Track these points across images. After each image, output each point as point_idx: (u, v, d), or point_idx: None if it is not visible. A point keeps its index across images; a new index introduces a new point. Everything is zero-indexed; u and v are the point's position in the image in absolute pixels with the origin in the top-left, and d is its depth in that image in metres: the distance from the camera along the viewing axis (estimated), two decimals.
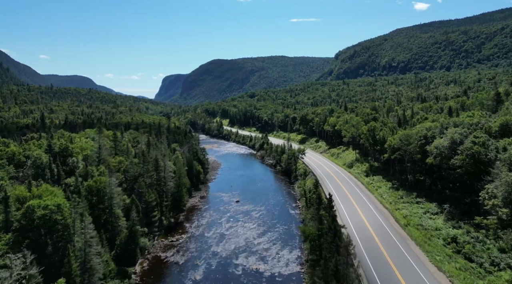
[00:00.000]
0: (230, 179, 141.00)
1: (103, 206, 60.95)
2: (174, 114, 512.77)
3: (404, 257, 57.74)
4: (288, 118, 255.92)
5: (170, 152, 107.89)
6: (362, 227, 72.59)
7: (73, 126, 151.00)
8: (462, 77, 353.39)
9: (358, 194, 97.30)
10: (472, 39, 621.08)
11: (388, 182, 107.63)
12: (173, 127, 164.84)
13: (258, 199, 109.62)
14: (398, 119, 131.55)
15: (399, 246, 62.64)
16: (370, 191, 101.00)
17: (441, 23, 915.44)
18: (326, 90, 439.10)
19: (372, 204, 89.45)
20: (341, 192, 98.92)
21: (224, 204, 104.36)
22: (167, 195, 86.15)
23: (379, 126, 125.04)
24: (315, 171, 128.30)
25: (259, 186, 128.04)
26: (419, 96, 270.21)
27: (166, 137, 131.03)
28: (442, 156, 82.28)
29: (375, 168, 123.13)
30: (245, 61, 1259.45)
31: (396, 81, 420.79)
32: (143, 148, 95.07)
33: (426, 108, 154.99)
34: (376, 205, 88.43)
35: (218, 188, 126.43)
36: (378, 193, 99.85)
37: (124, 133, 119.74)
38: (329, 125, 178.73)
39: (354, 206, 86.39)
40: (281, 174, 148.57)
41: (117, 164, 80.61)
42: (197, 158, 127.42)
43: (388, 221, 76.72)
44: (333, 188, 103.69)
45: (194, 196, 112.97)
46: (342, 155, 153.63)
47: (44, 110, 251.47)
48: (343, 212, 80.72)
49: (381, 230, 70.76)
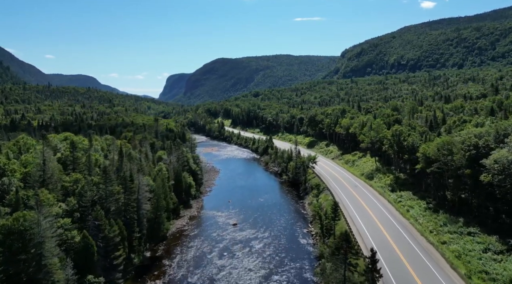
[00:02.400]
0: (228, 191, 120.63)
1: (27, 257, 40.83)
2: (175, 114, 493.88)
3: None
4: (294, 119, 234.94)
5: (152, 163, 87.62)
6: (403, 274, 51.80)
7: (47, 128, 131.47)
8: (481, 74, 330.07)
9: (388, 219, 76.46)
10: (485, 36, 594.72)
11: (421, 201, 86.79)
12: (164, 129, 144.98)
13: (261, 221, 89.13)
14: (428, 122, 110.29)
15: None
16: (402, 214, 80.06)
17: (451, 20, 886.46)
18: (334, 89, 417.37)
19: (409, 233, 68.63)
20: (365, 215, 78.10)
21: (218, 228, 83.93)
22: (141, 223, 65.94)
23: (406, 131, 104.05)
24: (329, 183, 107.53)
25: (262, 201, 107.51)
26: (436, 94, 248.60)
27: (151, 143, 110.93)
28: (506, 174, 61.32)
29: (401, 181, 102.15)
30: (249, 60, 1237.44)
31: (408, 79, 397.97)
32: (115, 158, 74.94)
33: (455, 109, 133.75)
34: (414, 236, 67.58)
35: (213, 204, 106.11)
36: (411, 216, 79.06)
37: (100, 138, 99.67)
38: (342, 127, 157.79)
39: (387, 238, 65.60)
40: (287, 185, 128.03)
41: (72, 184, 60.54)
42: (189, 169, 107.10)
43: (438, 265, 55.76)
44: (354, 208, 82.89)
45: (182, 216, 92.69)
46: (359, 163, 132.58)
47: (31, 110, 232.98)
48: (371, 243, 60.01)
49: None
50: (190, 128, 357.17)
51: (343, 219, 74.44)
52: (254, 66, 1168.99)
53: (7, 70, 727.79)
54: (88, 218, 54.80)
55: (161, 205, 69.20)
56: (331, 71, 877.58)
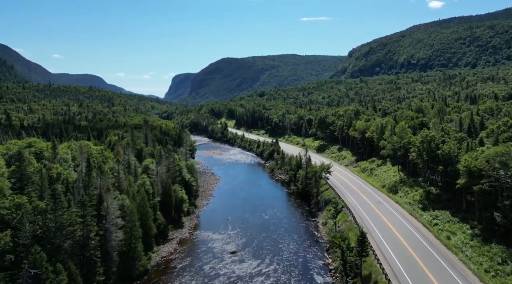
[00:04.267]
0: (228, 205, 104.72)
1: None
2: (178, 114, 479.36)
3: None
4: (302, 120, 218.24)
5: (131, 177, 71.76)
6: None
7: (27, 130, 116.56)
8: (500, 73, 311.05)
9: (427, 251, 59.80)
10: (500, 34, 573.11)
11: (463, 224, 70.32)
12: (158, 132, 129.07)
13: (265, 247, 73.13)
14: (465, 127, 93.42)
15: None
16: (443, 243, 63.45)
17: (462, 19, 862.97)
18: (343, 89, 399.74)
19: (459, 275, 52.01)
20: (398, 246, 61.45)
21: (214, 258, 68.00)
22: (109, 258, 50.29)
23: (439, 137, 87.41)
24: (346, 198, 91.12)
25: (266, 219, 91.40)
26: (456, 94, 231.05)
27: (139, 149, 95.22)
28: None
29: (433, 197, 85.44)
30: (255, 59, 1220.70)
31: (421, 79, 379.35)
32: (83, 172, 59.32)
33: (490, 111, 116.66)
34: (468, 278, 51.06)
35: (209, 222, 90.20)
36: (455, 246, 62.46)
37: (75, 143, 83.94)
38: (356, 130, 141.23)
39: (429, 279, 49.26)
40: (296, 197, 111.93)
41: (12, 211, 45.02)
42: (181, 180, 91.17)
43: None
44: (383, 235, 66.40)
45: (171, 239, 76.92)
46: (378, 172, 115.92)
47: (22, 109, 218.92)
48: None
49: None
50: (192, 129, 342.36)
51: (371, 252, 58.10)
52: (259, 66, 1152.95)
53: (10, 69, 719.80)
54: (23, 263, 39.18)
55: (135, 235, 53.42)
56: (338, 71, 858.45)
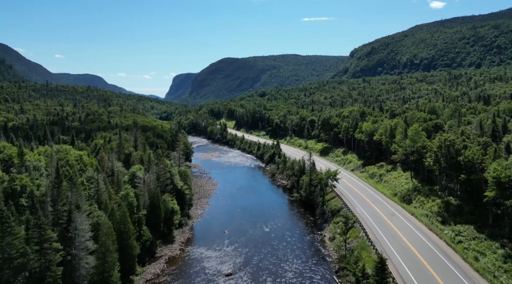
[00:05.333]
0: (225, 215, 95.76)
1: None
2: (177, 114, 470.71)
3: None
4: (304, 122, 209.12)
5: (112, 188, 62.89)
6: None
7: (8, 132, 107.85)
8: (508, 73, 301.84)
9: (456, 278, 50.85)
10: (504, 34, 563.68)
11: (493, 242, 61.43)
12: (151, 134, 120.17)
13: (266, 266, 64.19)
14: (488, 130, 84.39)
15: None
16: (474, 268, 54.39)
17: (464, 18, 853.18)
18: (345, 89, 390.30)
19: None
20: (421, 270, 52.22)
21: (206, 281, 59.06)
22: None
23: (460, 141, 78.42)
24: (355, 209, 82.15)
25: (267, 231, 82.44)
26: (464, 94, 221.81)
27: (127, 154, 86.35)
28: None
29: (454, 208, 76.39)
30: (256, 59, 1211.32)
31: (426, 79, 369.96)
32: (50, 186, 50.53)
33: (510, 112, 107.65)
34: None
35: (204, 235, 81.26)
36: (485, 270, 53.55)
37: (50, 148, 74.88)
38: (363, 132, 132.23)
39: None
40: (299, 205, 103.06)
41: None
42: (173, 188, 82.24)
43: None
44: (401, 257, 57.46)
45: (159, 257, 67.97)
46: (388, 179, 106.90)
47: (13, 109, 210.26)
48: None
49: None
50: (191, 130, 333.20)
51: (391, 281, 49.13)
52: (260, 66, 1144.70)
53: (9, 69, 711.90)
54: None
55: (109, 261, 44.53)
56: (340, 71, 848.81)
